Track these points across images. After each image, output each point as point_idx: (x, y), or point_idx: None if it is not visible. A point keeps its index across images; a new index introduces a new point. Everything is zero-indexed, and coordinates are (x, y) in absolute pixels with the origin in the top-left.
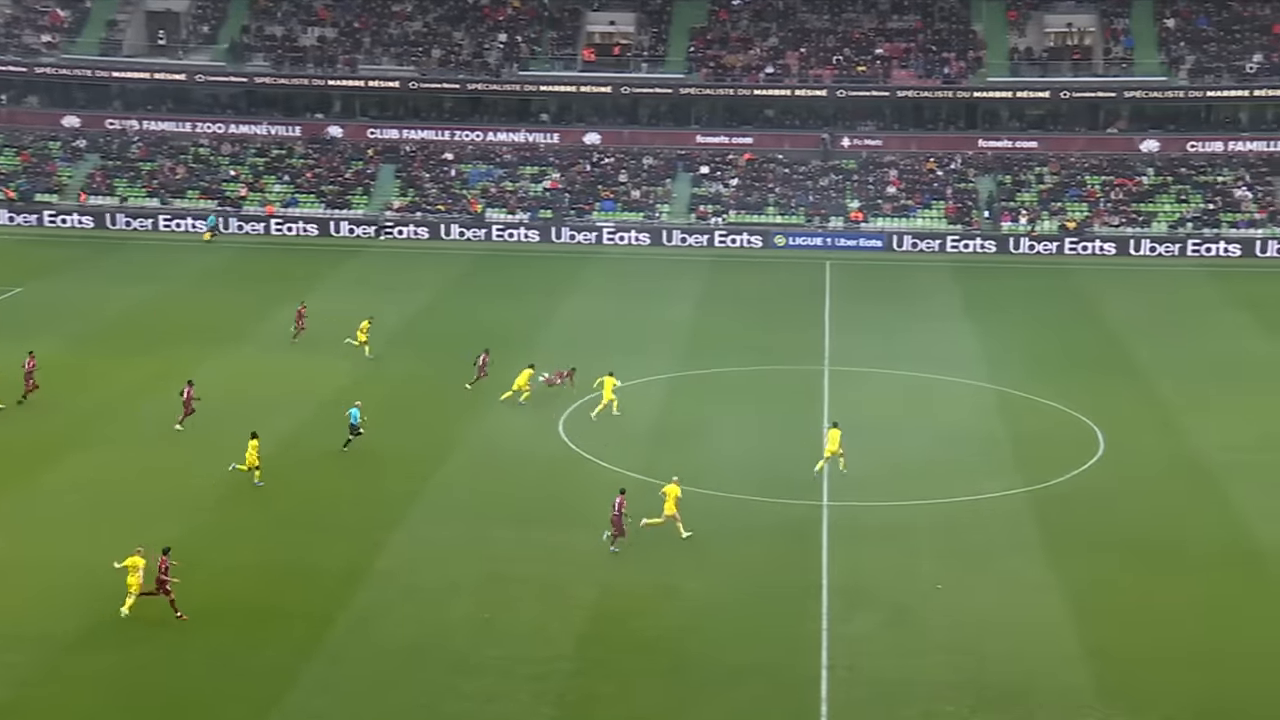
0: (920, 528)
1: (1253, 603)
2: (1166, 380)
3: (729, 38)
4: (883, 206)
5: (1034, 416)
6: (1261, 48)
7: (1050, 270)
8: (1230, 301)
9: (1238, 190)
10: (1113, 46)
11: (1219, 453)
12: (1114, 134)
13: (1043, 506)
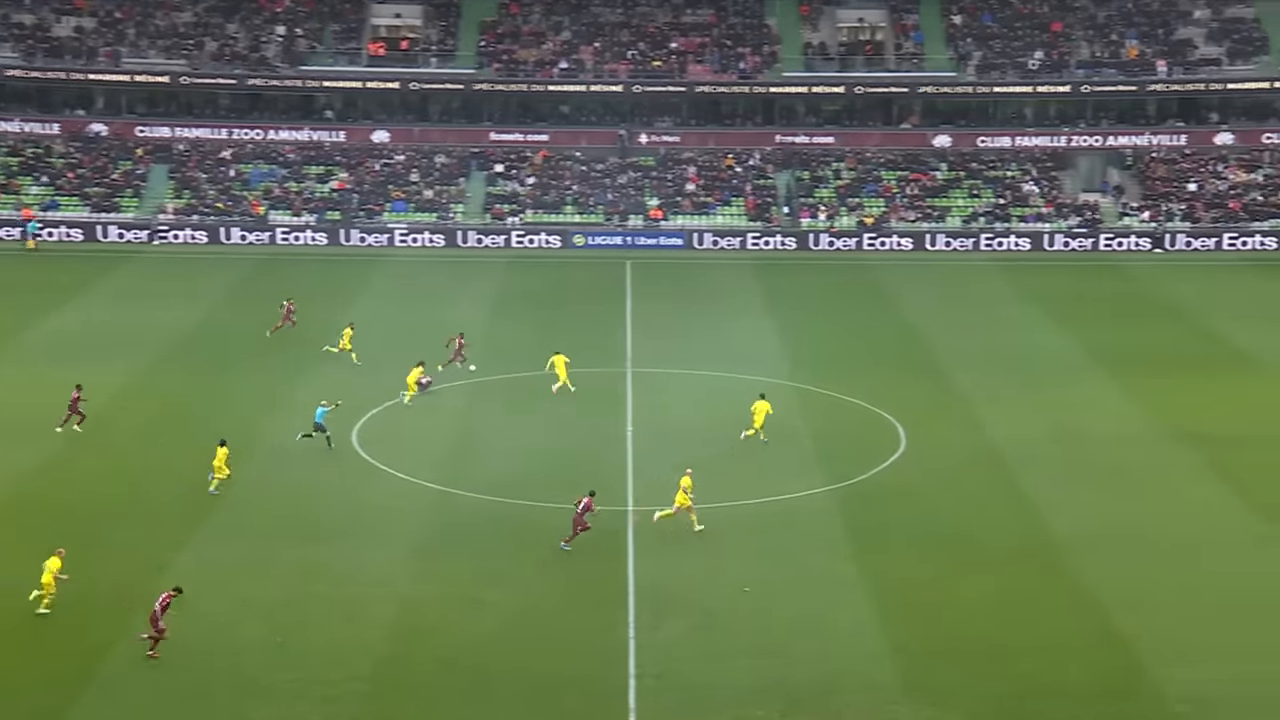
0: (726, 530)
1: (1048, 594)
2: (963, 374)
3: (521, 31)
4: (682, 204)
5: (836, 414)
6: (1042, 45)
7: (849, 266)
8: (1021, 295)
9: (1026, 185)
10: (903, 42)
11: (1013, 445)
12: (908, 129)
13: (847, 504)
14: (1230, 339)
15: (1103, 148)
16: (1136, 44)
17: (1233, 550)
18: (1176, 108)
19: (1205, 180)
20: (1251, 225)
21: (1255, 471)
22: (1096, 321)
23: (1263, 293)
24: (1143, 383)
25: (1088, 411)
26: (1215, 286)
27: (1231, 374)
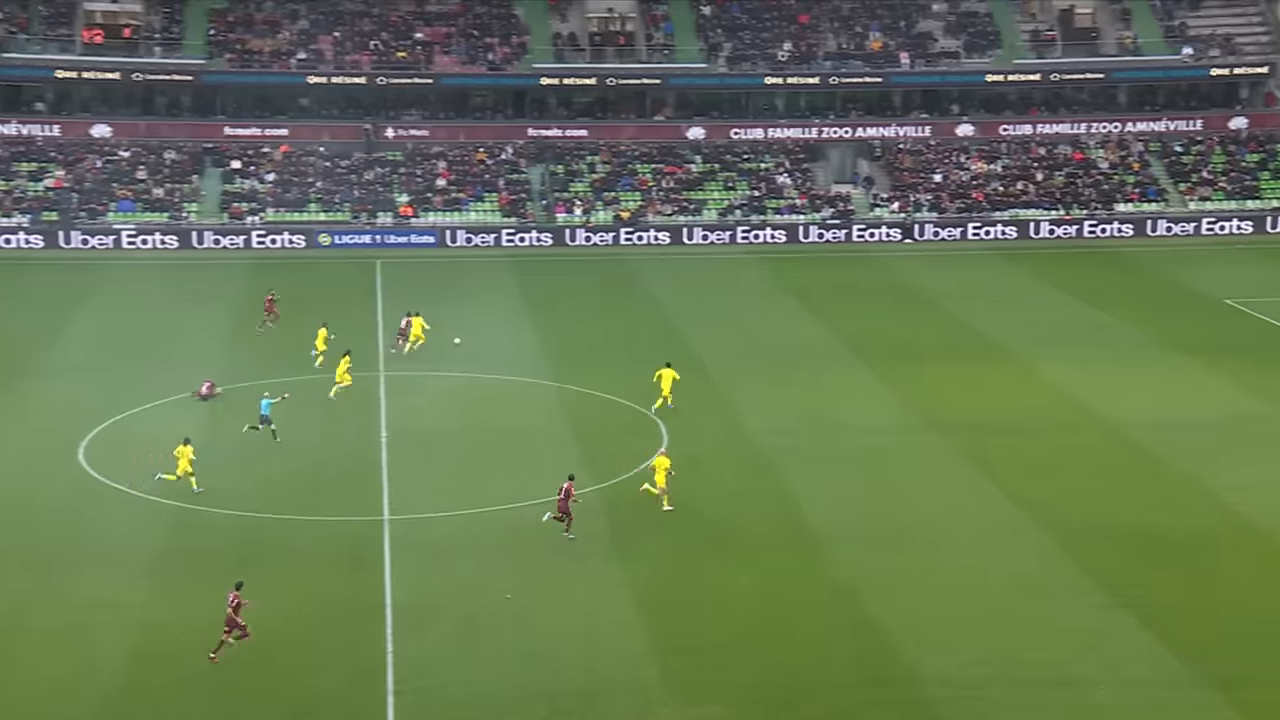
0: (488, 536)
1: (807, 585)
2: (722, 367)
3: (254, 20)
4: (433, 200)
5: (598, 412)
6: (790, 36)
7: (607, 261)
8: (778, 287)
9: (780, 177)
10: (654, 33)
11: (771, 437)
12: (661, 122)
13: (611, 503)
14: (978, 327)
15: (852, 139)
16: (880, 36)
17: (984, 536)
18: (920, 100)
19: (949, 171)
20: (993, 215)
21: (1005, 458)
22: (851, 312)
23: (1006, 281)
24: (896, 372)
25: (844, 402)
26: (962, 275)
27: (980, 362)
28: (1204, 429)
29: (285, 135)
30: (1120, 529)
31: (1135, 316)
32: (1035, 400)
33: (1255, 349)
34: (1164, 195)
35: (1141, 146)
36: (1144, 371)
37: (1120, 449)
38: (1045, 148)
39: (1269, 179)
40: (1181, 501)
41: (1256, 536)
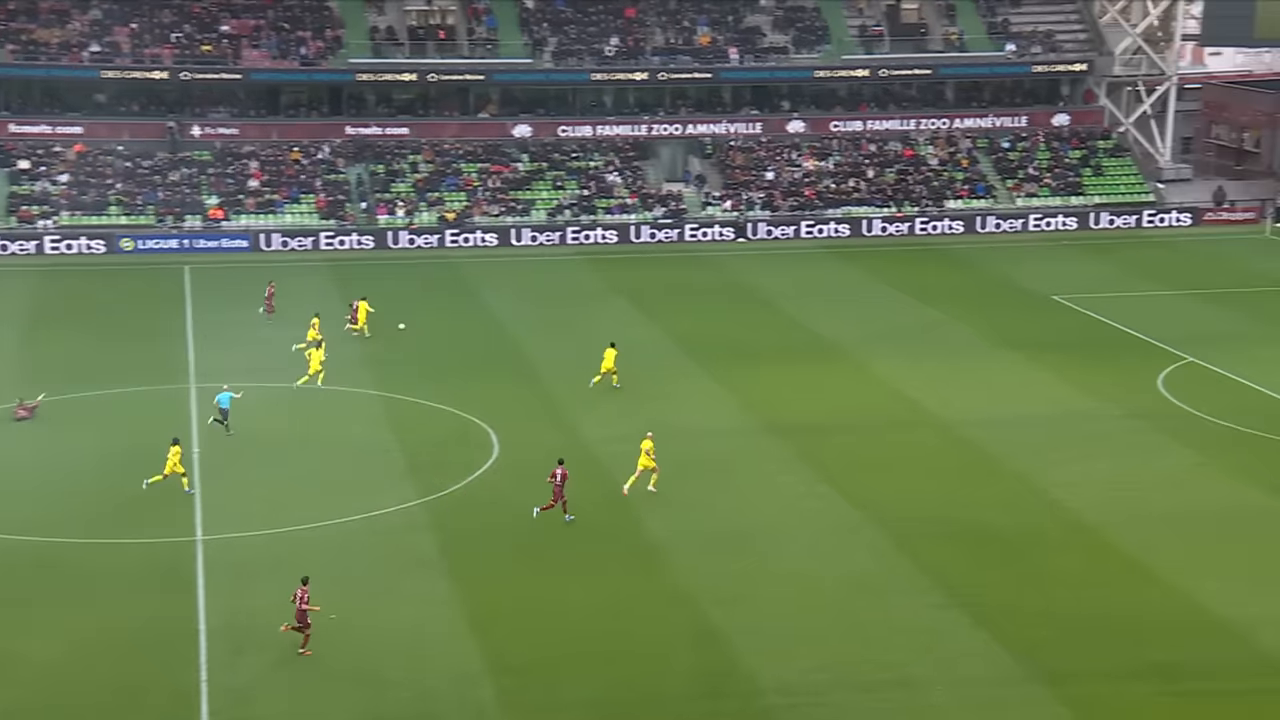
0: (311, 552)
1: (645, 596)
2: (555, 373)
3: (38, 9)
4: (245, 202)
5: (426, 422)
6: (617, 31)
7: (432, 264)
8: (610, 289)
9: (609, 175)
10: (476, 27)
11: (607, 445)
12: (486, 119)
13: (441, 517)
14: (812, 327)
15: (683, 136)
16: (708, 31)
17: (821, 538)
18: (750, 96)
19: (781, 168)
20: (826, 213)
21: (841, 458)
22: (685, 314)
23: (839, 279)
24: (733, 374)
25: (681, 406)
26: (796, 274)
27: (816, 362)
28: (1033, 426)
29: (80, 134)
30: (954, 527)
31: (967, 313)
32: (870, 399)
33: (1082, 345)
34: (992, 192)
35: (970, 143)
36: (975, 369)
37: (953, 447)
38: (876, 144)
39: (1091, 176)
40: (1013, 499)
41: (1084, 533)
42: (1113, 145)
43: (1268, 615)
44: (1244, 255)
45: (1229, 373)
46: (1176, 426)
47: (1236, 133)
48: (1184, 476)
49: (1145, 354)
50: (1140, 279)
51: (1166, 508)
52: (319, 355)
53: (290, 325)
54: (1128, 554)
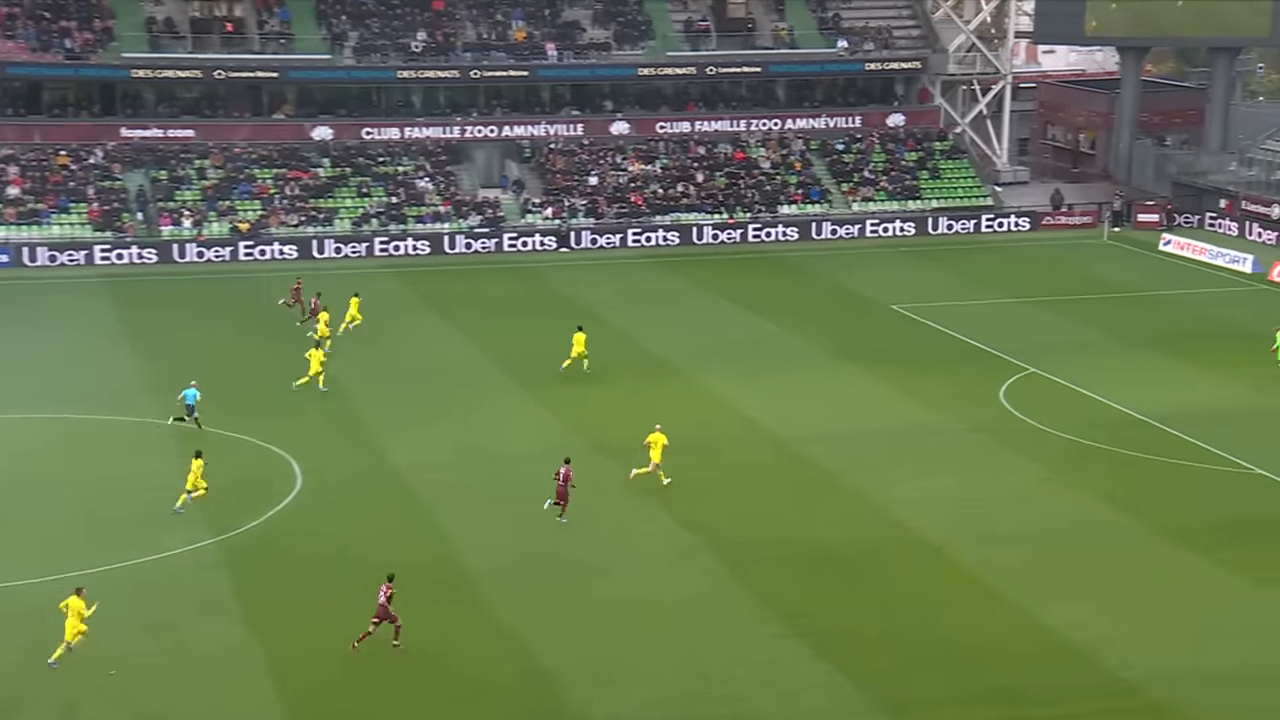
0: (92, 600)
1: (467, 635)
2: (362, 395)
3: None
4: (4, 213)
5: (220, 453)
6: (425, 25)
7: (224, 280)
8: (422, 303)
9: (420, 181)
10: (267, 20)
11: (420, 471)
12: (281, 120)
13: (238, 556)
14: (641, 341)
15: (499, 139)
16: (524, 26)
17: (654, 566)
18: (570, 95)
19: (605, 173)
20: (653, 219)
21: (674, 481)
22: (505, 329)
23: (668, 290)
24: (556, 393)
25: (500, 429)
26: (622, 285)
27: (644, 378)
28: (873, 441)
29: None
30: (793, 550)
31: (802, 324)
32: (702, 417)
33: (922, 356)
34: (827, 196)
35: (803, 145)
36: (812, 382)
37: (790, 465)
38: (705, 146)
39: (928, 178)
40: (853, 518)
41: (927, 553)
42: (949, 147)
43: (1112, 635)
44: (1083, 261)
45: (1071, 383)
46: (1020, 440)
47: (1072, 134)
48: (1028, 492)
49: (987, 365)
50: (980, 286)
51: (1011, 525)
52: (319, 355)
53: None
54: (971, 574)
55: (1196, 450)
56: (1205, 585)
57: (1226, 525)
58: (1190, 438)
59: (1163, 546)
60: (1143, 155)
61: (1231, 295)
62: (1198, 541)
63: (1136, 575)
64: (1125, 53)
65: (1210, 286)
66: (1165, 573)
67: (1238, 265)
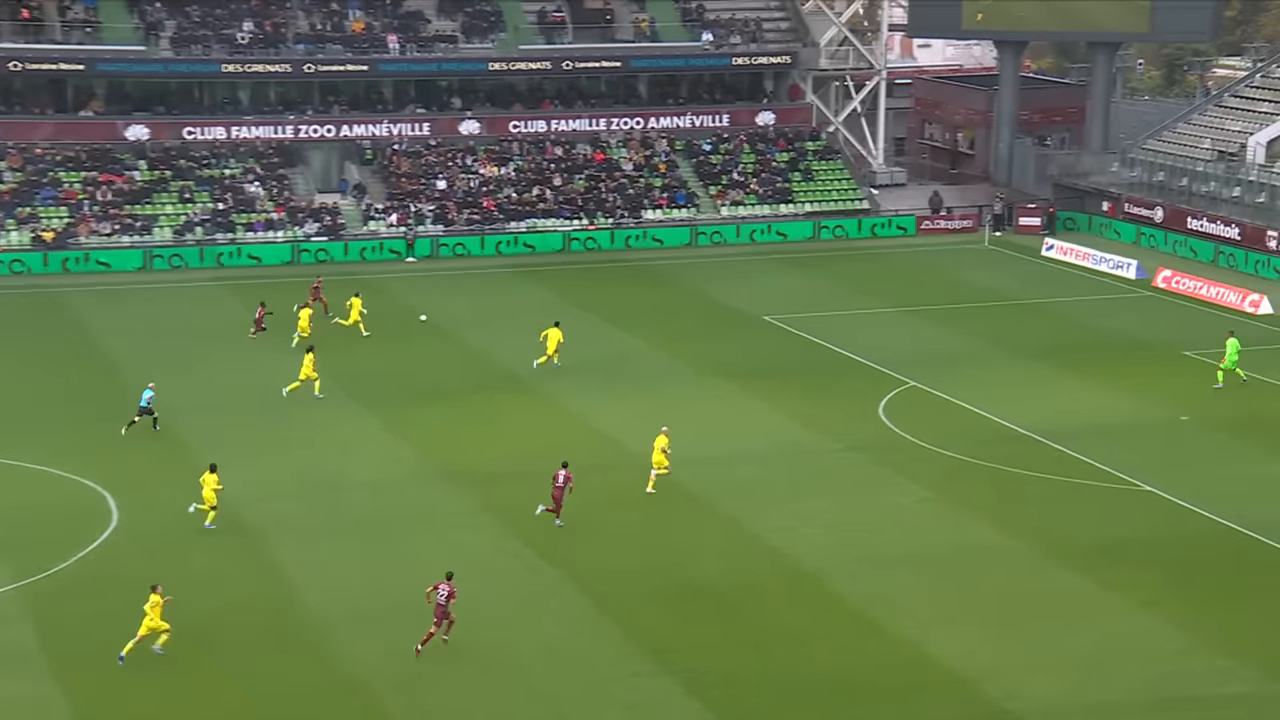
0: None
1: (310, 683)
2: (190, 422)
3: None
4: None
5: (23, 487)
6: (251, 14)
7: (33, 296)
8: (253, 319)
9: (250, 186)
10: (70, 6)
11: (256, 503)
12: (90, 118)
13: (41, 603)
14: (496, 357)
15: (337, 139)
16: (362, 16)
17: (513, 605)
18: (415, 92)
19: (455, 176)
20: (508, 226)
21: (531, 509)
22: (346, 346)
23: (524, 303)
24: (405, 415)
25: (341, 455)
26: (475, 297)
27: (501, 398)
28: (745, 462)
29: None
30: (661, 582)
31: (670, 338)
32: (563, 439)
33: (797, 371)
34: (694, 200)
35: (667, 145)
36: (681, 401)
37: (658, 491)
38: (562, 147)
39: (800, 181)
40: (725, 547)
41: (804, 581)
42: (822, 147)
43: (996, 665)
44: (963, 267)
45: (952, 397)
46: (900, 459)
47: (950, 133)
48: (909, 515)
49: (865, 379)
50: (856, 295)
51: (891, 550)
52: (311, 359)
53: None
54: (850, 603)
55: (1081, 466)
56: (1090, 609)
57: (1112, 545)
58: (1075, 453)
59: (1047, 569)
60: (1023, 155)
61: (1115, 303)
62: (1083, 563)
63: (1021, 600)
64: (1003, 48)
65: (1094, 293)
66: (1050, 597)
67: (1122, 271)
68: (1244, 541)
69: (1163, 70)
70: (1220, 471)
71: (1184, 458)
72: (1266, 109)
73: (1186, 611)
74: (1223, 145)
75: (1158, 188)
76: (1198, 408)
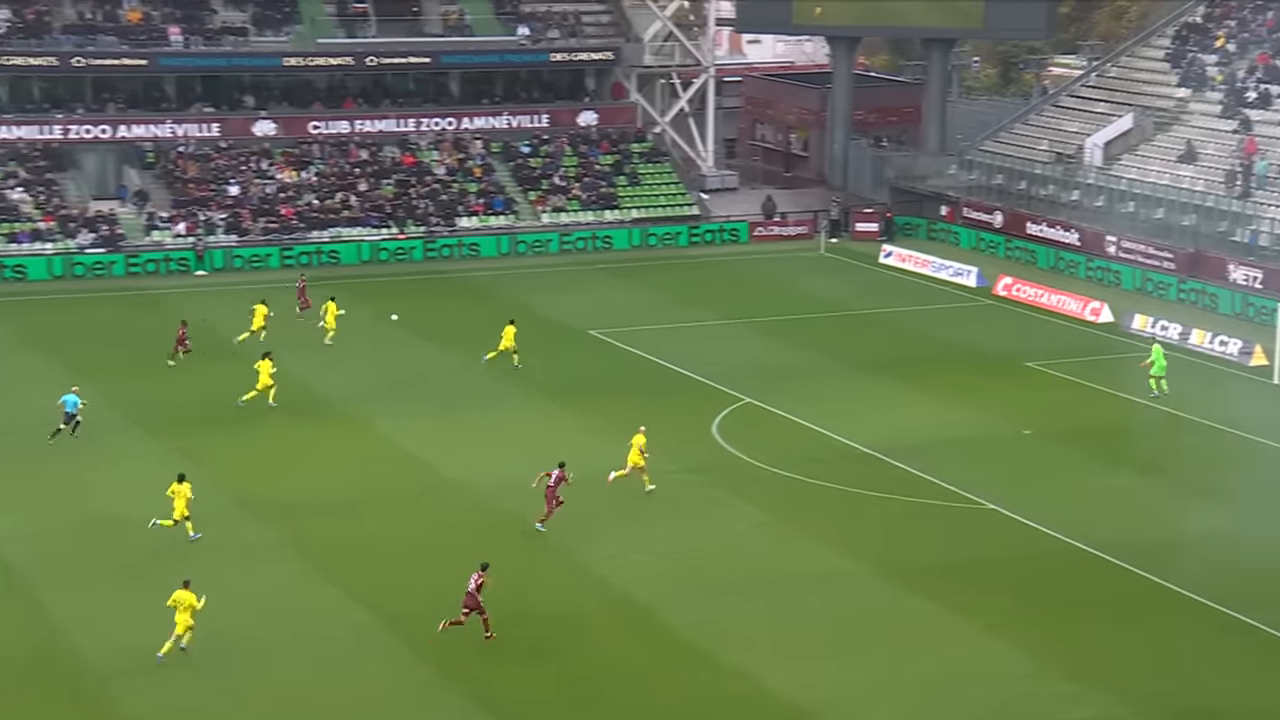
0: None
1: None
2: None
3: None
4: None
5: None
6: (8, 1)
7: None
8: (20, 341)
9: (13, 192)
10: None
11: (22, 543)
12: None
13: None
14: (301, 377)
15: (114, 140)
16: (139, 5)
17: (320, 650)
18: (202, 89)
19: (249, 181)
20: (309, 235)
21: (343, 545)
22: (129, 369)
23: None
24: (196, 442)
25: (122, 487)
26: (274, 314)
27: (306, 422)
28: (572, 487)
29: None
30: (495, 616)
31: (482, 355)
32: (375, 467)
33: (626, 388)
34: (513, 206)
35: (482, 147)
36: (503, 423)
37: (479, 519)
38: (368, 150)
39: (626, 185)
40: (552, 579)
41: (634, 614)
42: (649, 149)
43: (838, 695)
44: (799, 276)
45: (789, 414)
46: (735, 480)
47: (783, 134)
48: (746, 540)
49: (697, 395)
50: (687, 306)
51: (729, 578)
52: (268, 366)
53: None
54: (685, 636)
55: (924, 485)
56: (936, 635)
57: (957, 567)
58: (917, 471)
59: (891, 594)
60: (859, 157)
61: (956, 312)
62: (928, 586)
63: (864, 627)
64: (835, 44)
65: (934, 303)
66: (894, 623)
67: (961, 279)
68: (1090, 561)
69: (998, 69)
70: (1064, 487)
71: (1028, 473)
72: (1103, 109)
73: (1034, 634)
74: (1060, 147)
75: (996, 191)
76: (1040, 421)
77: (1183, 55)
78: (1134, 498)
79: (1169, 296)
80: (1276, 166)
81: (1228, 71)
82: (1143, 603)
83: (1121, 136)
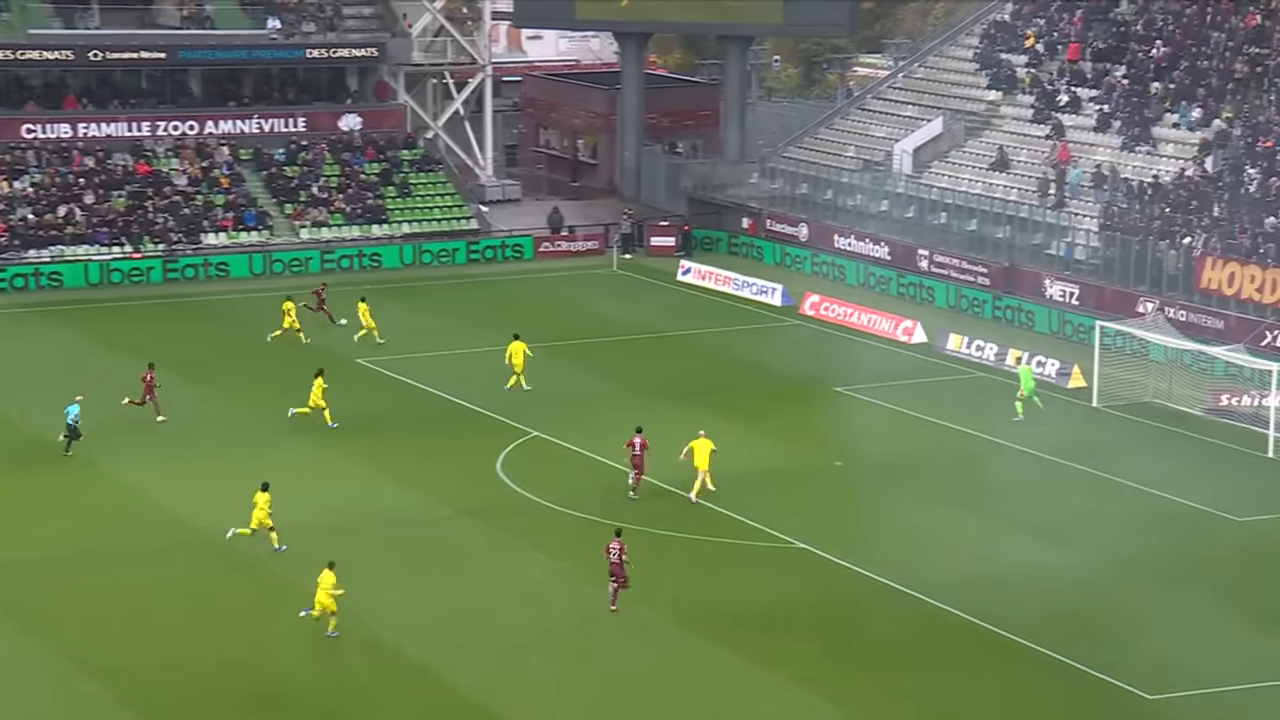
0: None
1: None
2: None
3: None
4: None
5: None
6: None
7: None
8: None
9: None
10: None
11: None
12: None
13: None
14: (17, 421)
15: None
16: None
17: None
18: None
19: None
20: (25, 255)
21: (68, 608)
22: None
23: (52, 349)
24: None
25: None
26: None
27: (30, 472)
28: (339, 535)
29: None
30: (238, 689)
31: (244, 389)
32: (110, 518)
33: (400, 422)
34: (267, 221)
35: (230, 154)
36: (262, 465)
37: (228, 573)
38: (95, 157)
39: (395, 196)
40: (315, 640)
41: (411, 674)
42: (420, 156)
43: None
44: (590, 295)
45: (581, 448)
46: (523, 524)
47: (569, 139)
48: (537, 588)
49: (479, 429)
50: (467, 331)
51: (517, 632)
52: (321, 384)
53: None
54: (468, 697)
55: (728, 523)
56: (740, 688)
57: (763, 613)
58: (722, 509)
59: (693, 644)
60: (653, 165)
61: (760, 333)
62: (732, 636)
63: (665, 682)
64: (624, 41)
65: (737, 323)
66: (696, 675)
67: (766, 297)
68: (905, 601)
69: (801, 68)
70: (877, 522)
71: (839, 508)
72: (911, 113)
73: (846, 685)
74: (867, 153)
75: (801, 201)
76: (852, 450)
77: (992, 55)
78: (951, 532)
79: (984, 314)
80: (1089, 175)
81: (1036, 73)
82: (960, 645)
83: (931, 142)
